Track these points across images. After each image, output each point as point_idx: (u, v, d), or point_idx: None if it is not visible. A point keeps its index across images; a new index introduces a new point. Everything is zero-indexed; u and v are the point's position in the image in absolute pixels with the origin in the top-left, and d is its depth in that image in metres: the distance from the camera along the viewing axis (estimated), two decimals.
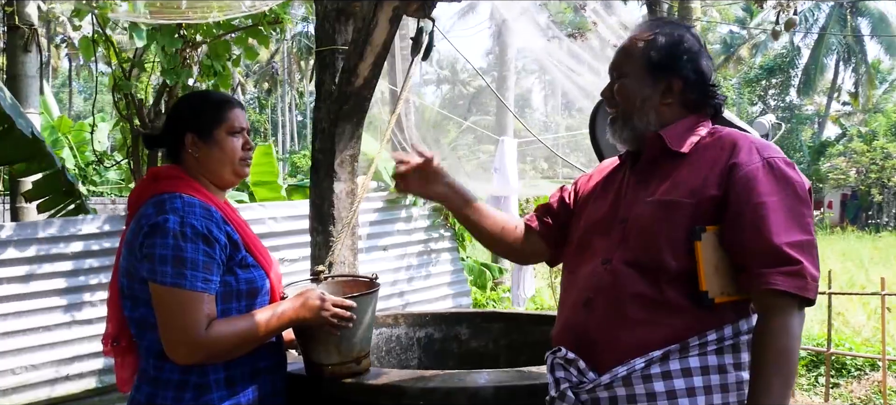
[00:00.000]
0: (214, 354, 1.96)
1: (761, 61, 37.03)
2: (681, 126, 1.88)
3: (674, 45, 1.88)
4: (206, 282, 1.93)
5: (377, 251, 6.58)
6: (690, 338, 1.72)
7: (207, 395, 1.98)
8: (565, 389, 1.80)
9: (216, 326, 1.94)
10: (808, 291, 1.67)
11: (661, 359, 1.72)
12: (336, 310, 2.14)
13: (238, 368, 2.04)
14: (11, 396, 4.39)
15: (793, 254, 1.67)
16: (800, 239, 1.69)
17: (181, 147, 2.12)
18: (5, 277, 4.52)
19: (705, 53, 1.93)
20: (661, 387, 1.71)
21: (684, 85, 1.88)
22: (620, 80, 1.94)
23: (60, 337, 4.61)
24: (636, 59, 1.91)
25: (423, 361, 3.65)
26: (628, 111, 1.92)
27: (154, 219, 1.94)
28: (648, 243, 1.80)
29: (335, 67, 3.82)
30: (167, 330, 1.92)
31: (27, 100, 5.65)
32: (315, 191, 3.88)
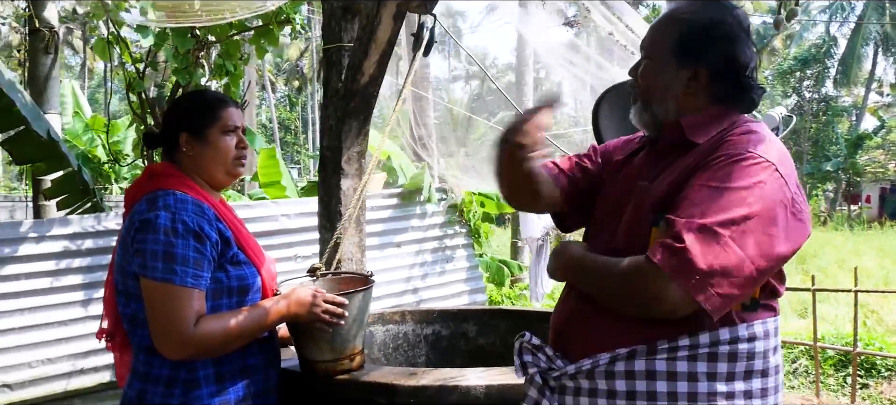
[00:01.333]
0: (204, 350, 1.95)
1: (796, 52, 36.32)
2: (705, 116, 1.74)
3: (706, 29, 1.72)
4: (196, 279, 1.93)
5: (391, 248, 6.59)
6: (660, 340, 1.63)
7: (196, 391, 1.98)
8: (534, 374, 1.77)
9: (205, 322, 1.94)
10: (679, 275, 1.50)
11: (626, 357, 1.65)
12: (327, 307, 2.15)
13: (228, 365, 2.04)
14: (28, 389, 4.49)
15: (682, 233, 1.51)
16: (706, 224, 1.52)
17: (176, 146, 2.13)
18: (23, 273, 4.61)
19: (746, 40, 1.73)
20: (623, 386, 1.64)
21: (711, 75, 1.72)
22: (646, 60, 1.82)
23: (76, 331, 4.70)
24: (664, 41, 1.77)
25: (430, 358, 3.65)
26: (648, 96, 1.80)
27: (146, 215, 1.95)
28: (627, 229, 1.74)
29: (341, 65, 3.84)
30: (156, 325, 1.92)
31: (48, 101, 5.77)
32: (323, 188, 3.90)
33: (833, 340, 6.94)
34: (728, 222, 1.52)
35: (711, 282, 1.50)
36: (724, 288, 1.51)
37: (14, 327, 4.54)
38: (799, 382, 6.55)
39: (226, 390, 2.03)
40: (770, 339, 1.68)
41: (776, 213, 1.57)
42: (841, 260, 14.94)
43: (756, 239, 1.53)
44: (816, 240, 19.21)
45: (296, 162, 37.51)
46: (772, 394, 1.69)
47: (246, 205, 5.82)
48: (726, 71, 1.73)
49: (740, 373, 1.64)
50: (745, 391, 1.64)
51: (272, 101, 39.29)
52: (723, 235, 1.51)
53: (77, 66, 40.24)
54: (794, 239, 1.60)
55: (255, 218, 5.71)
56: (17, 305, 4.57)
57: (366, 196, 6.52)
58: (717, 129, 1.72)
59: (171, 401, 1.97)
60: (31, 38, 5.75)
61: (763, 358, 1.66)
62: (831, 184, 34.65)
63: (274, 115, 38.06)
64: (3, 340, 4.48)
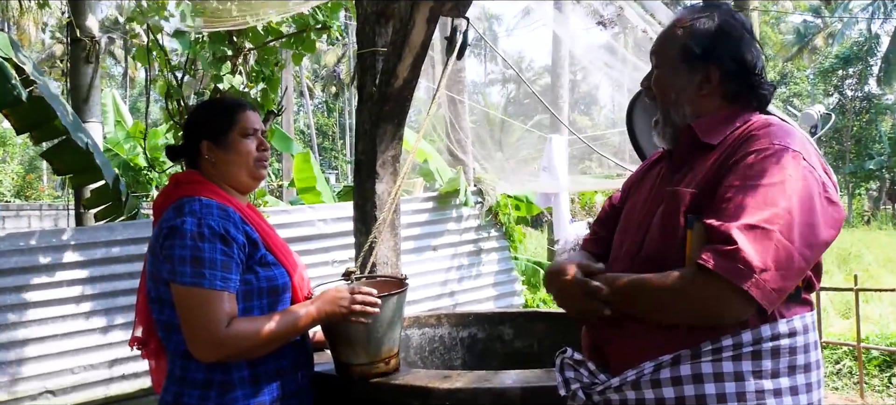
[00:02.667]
0: (237, 352, 1.97)
1: (837, 50, 35.57)
2: (716, 117, 1.77)
3: (713, 32, 1.77)
4: (224, 281, 1.95)
5: (428, 251, 6.59)
6: (703, 342, 1.63)
7: (231, 393, 2.00)
8: (576, 389, 1.77)
9: (237, 324, 1.95)
10: (738, 277, 1.51)
11: (671, 363, 1.64)
12: (362, 299, 2.14)
13: (262, 366, 2.06)
14: (70, 394, 4.57)
15: (731, 234, 1.53)
16: (753, 223, 1.53)
17: (199, 154, 2.16)
18: (64, 280, 4.71)
19: (750, 40, 1.79)
20: (671, 393, 1.63)
21: (722, 75, 1.77)
22: (657, 69, 1.86)
23: (115, 338, 4.77)
24: (673, 48, 1.82)
25: (466, 361, 3.64)
26: (665, 105, 1.84)
27: (173, 222, 1.98)
28: (660, 234, 1.73)
29: (375, 70, 3.85)
30: (189, 328, 1.95)
31: (89, 110, 5.90)
32: (358, 192, 3.92)
33: (877, 341, 6.77)
34: (773, 217, 1.54)
35: (766, 279, 1.52)
36: (778, 282, 1.53)
37: (55, 334, 4.63)
38: (843, 383, 6.41)
39: (261, 392, 2.05)
40: (809, 334, 1.69)
41: (813, 201, 1.59)
42: (886, 259, 14.62)
43: (801, 230, 1.56)
44: (860, 239, 18.84)
45: (333, 167, 37.77)
46: (815, 389, 1.69)
47: (283, 211, 5.87)
48: (736, 70, 1.77)
49: (784, 369, 1.64)
50: (791, 387, 1.64)
51: (310, 106, 39.64)
52: (771, 231, 1.53)
53: (119, 75, 41.05)
54: (833, 223, 1.63)
55: (292, 223, 5.76)
56: (58, 312, 4.67)
57: (401, 200, 6.57)
58: (729, 128, 1.75)
59: (207, 403, 2.00)
60: (73, 47, 5.89)
61: (805, 352, 1.67)
62: (875, 182, 33.91)
63: (311, 120, 38.38)
64: (45, 347, 4.57)
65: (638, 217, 1.87)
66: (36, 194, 20.46)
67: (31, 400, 4.45)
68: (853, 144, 33.76)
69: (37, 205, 17.38)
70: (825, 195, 1.63)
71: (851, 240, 18.67)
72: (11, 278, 4.53)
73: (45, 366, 4.56)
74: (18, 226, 15.67)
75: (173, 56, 5.67)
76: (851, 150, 33.67)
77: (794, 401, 1.63)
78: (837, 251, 15.94)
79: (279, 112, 5.64)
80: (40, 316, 4.61)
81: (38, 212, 16.46)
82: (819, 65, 37.07)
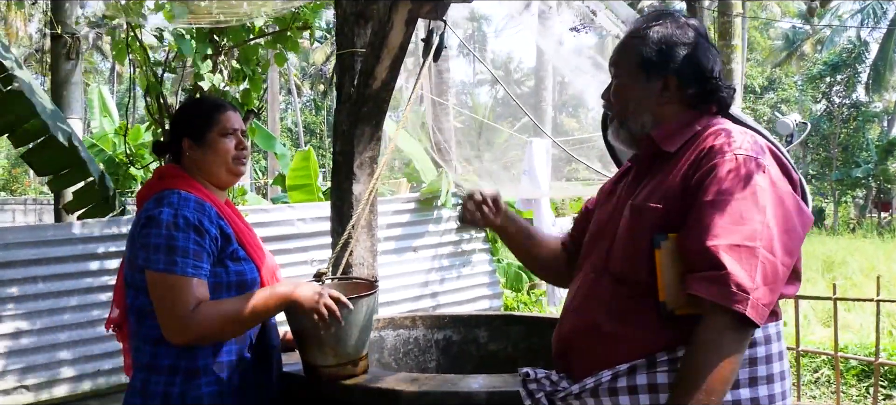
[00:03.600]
0: (205, 334, 2.07)
1: (826, 57, 35.80)
2: (675, 124, 1.79)
3: (668, 40, 1.78)
4: (195, 268, 2.06)
5: (408, 252, 6.59)
6: (659, 353, 1.65)
7: (195, 380, 2.10)
8: (540, 397, 1.81)
9: (205, 306, 2.05)
10: (732, 301, 1.51)
11: (627, 372, 1.67)
12: (328, 302, 2.16)
13: (226, 356, 2.16)
14: (46, 390, 4.59)
15: (716, 257, 1.54)
16: (734, 242, 1.54)
17: (181, 151, 2.26)
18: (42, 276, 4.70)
19: (706, 45, 1.80)
20: (627, 401, 1.65)
21: (681, 81, 1.78)
22: (616, 79, 1.87)
23: (93, 333, 4.79)
24: (630, 58, 1.83)
25: (441, 364, 3.65)
26: (623, 113, 1.85)
27: (151, 212, 2.10)
28: (623, 253, 1.75)
29: (354, 70, 3.85)
30: (161, 312, 2.05)
31: (69, 106, 5.88)
32: (335, 193, 3.92)
33: (856, 350, 6.80)
34: (753, 234, 1.55)
35: (758, 297, 1.53)
36: (768, 297, 1.55)
37: (33, 329, 4.62)
38: (821, 392, 6.45)
39: (223, 380, 2.14)
40: (773, 345, 1.70)
41: (786, 208, 1.62)
42: (870, 268, 14.68)
43: (780, 241, 1.58)
44: (845, 247, 18.93)
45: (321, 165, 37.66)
46: (779, 400, 1.69)
47: (262, 209, 5.86)
48: (694, 76, 1.78)
49: (745, 381, 1.64)
50: (751, 398, 1.64)
51: (298, 104, 39.56)
52: (755, 248, 1.54)
53: (106, 70, 40.82)
54: (805, 225, 1.66)
55: (271, 222, 5.75)
56: (36, 307, 4.66)
57: (382, 200, 6.56)
58: (688, 133, 1.77)
59: (173, 389, 2.09)
60: (54, 44, 5.87)
61: (766, 363, 1.67)
62: (861, 190, 34.14)
63: (299, 118, 38.30)
64: (23, 341, 4.56)
65: (605, 228, 1.88)
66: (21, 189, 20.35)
67: (5, 394, 4.43)
68: (840, 151, 33.99)
69: (22, 199, 17.29)
70: (794, 198, 1.66)
71: (836, 247, 18.76)
72: None
73: (21, 361, 4.55)
74: (3, 221, 15.66)
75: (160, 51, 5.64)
76: (838, 157, 33.89)
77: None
78: (822, 258, 16.02)
79: (258, 112, 5.64)
80: (18, 311, 4.60)
81: (23, 207, 16.40)
82: (807, 71, 37.30)
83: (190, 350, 2.10)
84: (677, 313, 1.63)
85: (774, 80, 38.58)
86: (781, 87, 38.33)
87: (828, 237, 24.16)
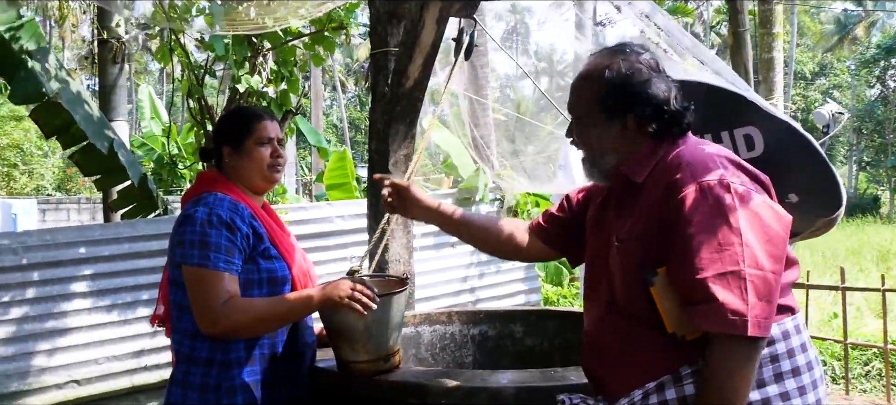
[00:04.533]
0: (236, 327, 2.17)
1: (879, 40, 34.78)
2: (641, 154, 1.83)
3: (622, 81, 1.82)
4: (227, 264, 2.18)
5: (447, 248, 6.62)
6: (682, 366, 1.70)
7: (229, 371, 2.22)
8: None
9: (237, 301, 2.17)
10: (732, 327, 1.57)
11: (656, 389, 1.72)
12: (360, 293, 2.23)
13: (258, 349, 2.27)
14: (95, 384, 4.73)
15: (707, 290, 1.59)
16: (719, 271, 1.59)
17: (222, 158, 2.41)
18: (91, 274, 4.85)
19: (658, 78, 1.84)
20: None
21: (639, 119, 1.82)
22: (577, 122, 1.93)
23: (141, 329, 4.90)
24: (587, 101, 1.88)
25: (477, 359, 3.68)
26: (590, 153, 1.91)
27: (187, 212, 2.24)
28: (624, 289, 1.81)
29: (388, 69, 3.91)
30: (195, 304, 2.17)
31: (115, 109, 6.07)
32: (371, 190, 3.98)
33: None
34: (735, 257, 1.60)
35: (757, 314, 1.57)
36: (766, 309, 1.59)
37: (83, 325, 4.77)
38: (871, 386, 6.29)
39: (255, 371, 2.25)
40: (792, 339, 1.74)
41: (761, 218, 1.65)
42: None
43: (763, 251, 1.62)
44: None
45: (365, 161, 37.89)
46: (810, 390, 1.73)
47: (300, 207, 5.93)
48: (652, 112, 1.81)
49: (770, 378, 1.70)
50: (780, 393, 1.69)
51: (342, 101, 39.89)
52: (740, 270, 1.59)
53: (156, 70, 41.66)
54: (784, 225, 1.68)
55: (309, 220, 5.82)
56: (85, 304, 4.81)
57: None
58: (652, 162, 1.81)
59: (209, 380, 2.21)
60: (100, 48, 6.06)
61: (789, 357, 1.72)
62: None
63: (344, 114, 38.62)
64: (73, 338, 4.72)
65: (600, 262, 1.93)
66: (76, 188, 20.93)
67: (58, 388, 4.59)
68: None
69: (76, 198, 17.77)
70: (765, 204, 1.68)
71: (892, 236, 18.26)
72: (39, 272, 4.68)
73: (71, 356, 4.71)
74: (58, 219, 16.10)
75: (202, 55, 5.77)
76: (894, 144, 32.92)
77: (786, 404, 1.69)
78: (877, 248, 15.61)
79: (296, 112, 5.72)
80: (67, 308, 4.76)
81: (77, 206, 16.85)
82: (860, 55, 36.27)
83: (224, 343, 2.21)
84: (688, 339, 1.69)
85: (826, 66, 37.62)
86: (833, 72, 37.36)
87: (883, 226, 23.52)
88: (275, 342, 2.32)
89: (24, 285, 4.62)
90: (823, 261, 13.48)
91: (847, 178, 37.95)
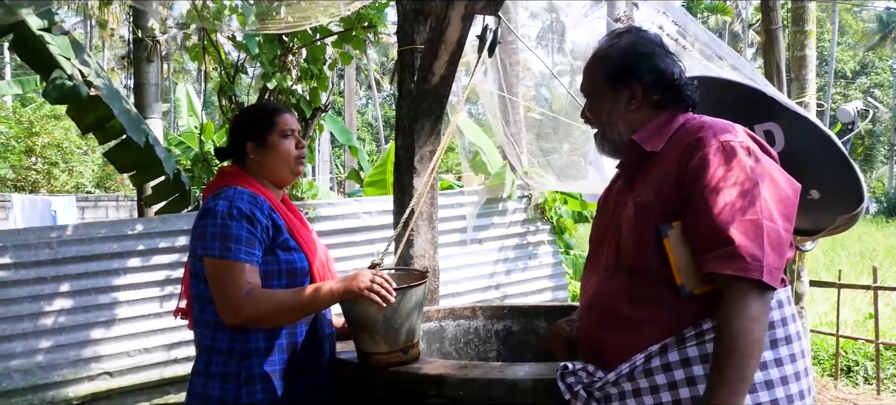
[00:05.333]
0: (258, 317, 2.20)
1: None
2: (653, 126, 1.94)
3: (626, 53, 1.96)
4: (248, 255, 2.21)
5: (474, 244, 6.63)
6: (685, 328, 1.76)
7: (249, 361, 2.26)
8: (578, 390, 1.91)
9: (259, 292, 2.20)
10: (749, 271, 1.65)
11: (659, 352, 1.78)
12: (380, 284, 2.27)
13: (277, 339, 2.30)
14: (126, 376, 4.82)
15: (725, 234, 1.67)
16: (738, 218, 1.68)
17: (244, 153, 2.43)
18: (123, 268, 4.95)
19: (663, 53, 1.97)
20: (663, 378, 1.77)
21: (645, 88, 1.94)
22: (588, 97, 2.05)
23: (171, 323, 4.99)
24: (596, 77, 2.01)
25: (500, 354, 3.69)
26: (601, 126, 2.02)
27: (208, 205, 2.28)
28: (633, 248, 1.86)
29: (414, 67, 3.94)
30: (217, 295, 2.21)
31: (149, 107, 6.20)
32: (397, 186, 4.01)
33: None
34: (753, 207, 1.69)
35: (770, 263, 1.66)
36: (778, 262, 1.68)
37: (114, 318, 4.88)
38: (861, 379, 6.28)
39: (274, 361, 2.29)
40: (785, 308, 1.82)
41: (776, 179, 1.76)
42: None
43: (778, 209, 1.72)
44: None
45: None
46: (799, 358, 1.81)
47: (329, 203, 5.98)
48: (656, 81, 1.95)
49: (766, 344, 1.75)
50: (775, 359, 1.77)
51: (378, 99, 40.07)
52: (758, 219, 1.68)
53: (194, 69, 42.22)
54: (795, 190, 1.79)
55: (337, 215, 5.87)
56: (116, 298, 4.91)
57: (448, 193, 6.62)
58: (668, 131, 1.91)
59: (230, 369, 2.25)
60: (135, 47, 6.19)
61: (783, 325, 1.80)
62: None
63: (379, 113, 38.79)
64: (104, 331, 4.82)
65: (607, 231, 2.02)
66: (115, 185, 21.34)
67: (90, 380, 4.70)
68: None
69: (114, 196, 18.12)
70: (779, 169, 1.80)
71: None
72: (74, 266, 4.79)
73: (103, 348, 4.82)
74: (97, 216, 16.43)
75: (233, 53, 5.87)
76: None
77: (780, 371, 1.77)
78: None
79: (325, 109, 5.78)
80: (101, 302, 4.86)
81: (115, 203, 17.18)
82: None
83: (244, 334, 2.25)
84: (696, 293, 1.76)
85: (867, 64, 36.86)
86: (875, 71, 36.59)
87: None
88: (294, 332, 2.35)
89: (58, 279, 4.73)
90: (861, 260, 13.24)
91: (888, 178, 37.20)
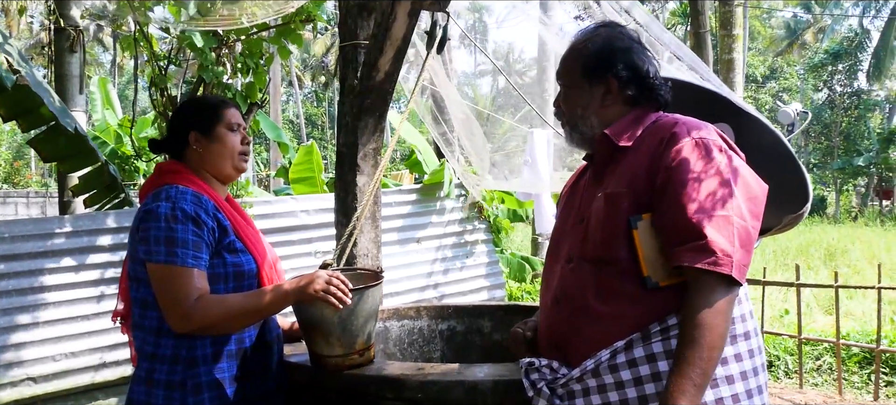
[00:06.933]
0: (206, 323, 2.10)
1: (827, 46, 35.74)
2: (625, 121, 1.95)
3: (604, 47, 1.98)
4: (195, 259, 2.11)
5: (412, 243, 6.61)
6: (651, 324, 1.77)
7: (195, 369, 2.15)
8: (541, 387, 1.89)
9: (209, 298, 2.10)
10: (719, 266, 1.66)
11: (625, 348, 1.78)
12: (336, 285, 2.20)
13: (224, 345, 2.21)
14: (52, 382, 4.61)
15: (698, 228, 1.69)
16: (711, 214, 1.70)
17: (186, 146, 2.30)
18: (47, 268, 4.72)
19: (640, 49, 1.99)
20: (628, 374, 1.77)
21: (620, 83, 1.95)
22: (564, 89, 2.06)
23: (99, 326, 4.79)
24: (573, 69, 2.02)
25: (445, 354, 3.67)
26: (572, 118, 2.02)
27: (149, 206, 2.15)
28: (601, 238, 1.87)
29: (357, 62, 3.87)
30: (163, 302, 2.10)
31: (72, 98, 5.92)
32: (339, 184, 3.94)
33: (858, 338, 6.83)
34: (724, 203, 1.71)
35: (739, 259, 1.68)
36: (745, 258, 1.71)
37: (39, 321, 4.64)
38: (823, 380, 6.47)
39: (222, 368, 2.19)
40: (743, 304, 1.85)
41: (745, 177, 1.79)
42: (871, 255, 14.76)
43: (747, 206, 1.75)
44: (847, 235, 19.00)
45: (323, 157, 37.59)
46: (757, 354, 1.85)
47: (265, 201, 5.86)
48: (631, 77, 1.96)
49: (727, 340, 1.76)
50: (735, 354, 1.79)
51: (299, 96, 39.54)
52: (728, 215, 1.70)
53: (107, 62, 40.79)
54: (762, 189, 1.81)
55: (274, 213, 5.75)
56: (41, 300, 4.68)
57: (385, 191, 6.57)
58: (640, 128, 1.93)
59: (174, 377, 2.14)
60: (57, 37, 5.90)
61: (742, 322, 1.83)
62: (863, 179, 34.16)
63: (300, 110, 38.30)
64: (28, 334, 4.59)
65: (572, 223, 2.02)
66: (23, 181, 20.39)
67: (13, 385, 4.46)
68: (842, 140, 33.99)
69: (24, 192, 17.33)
70: (748, 168, 1.82)
71: (838, 235, 18.84)
72: None
73: (27, 353, 4.58)
74: (5, 213, 15.68)
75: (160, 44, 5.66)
76: (840, 146, 33.89)
77: (740, 366, 1.79)
78: (825, 247, 16.09)
79: (262, 104, 5.65)
80: (21, 304, 4.62)
81: (25, 200, 16.43)
82: (809, 60, 37.23)
83: (190, 339, 2.15)
84: (661, 285, 1.78)
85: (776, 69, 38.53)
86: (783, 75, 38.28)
87: (830, 225, 24.20)
88: (242, 336, 2.26)
89: None
90: (774, 258, 13.85)
91: None
